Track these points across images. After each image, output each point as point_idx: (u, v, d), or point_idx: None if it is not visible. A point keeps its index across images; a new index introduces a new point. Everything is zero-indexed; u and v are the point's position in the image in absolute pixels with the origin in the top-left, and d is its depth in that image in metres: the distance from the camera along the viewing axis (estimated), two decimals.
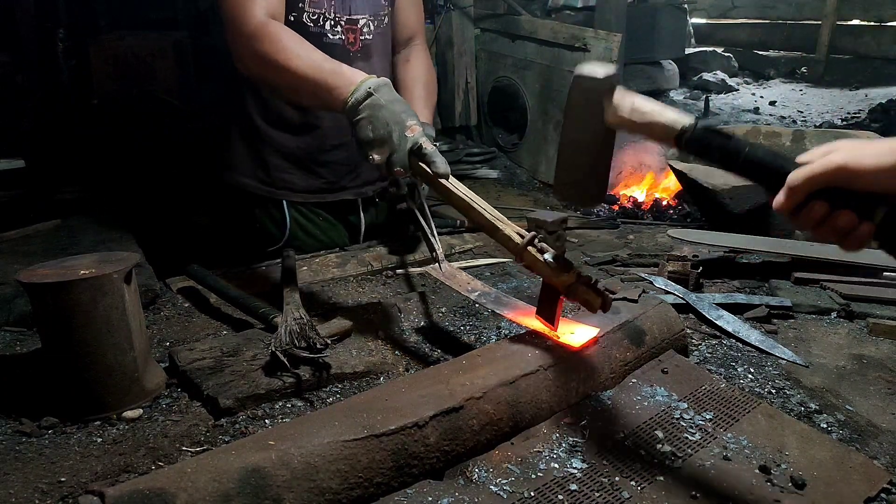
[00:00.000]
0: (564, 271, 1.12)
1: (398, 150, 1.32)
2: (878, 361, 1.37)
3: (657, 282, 1.68)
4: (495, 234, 1.22)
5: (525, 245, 1.17)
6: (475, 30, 3.92)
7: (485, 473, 0.97)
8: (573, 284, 1.11)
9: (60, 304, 1.12)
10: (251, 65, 1.58)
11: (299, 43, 1.53)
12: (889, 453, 1.09)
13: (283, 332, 1.28)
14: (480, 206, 1.25)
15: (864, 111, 5.35)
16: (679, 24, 6.13)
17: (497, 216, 1.23)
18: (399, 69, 2.08)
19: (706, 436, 1.08)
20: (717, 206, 2.20)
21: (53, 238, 1.94)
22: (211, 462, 0.86)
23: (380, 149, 1.33)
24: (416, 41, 2.12)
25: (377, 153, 1.33)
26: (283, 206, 1.97)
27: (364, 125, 1.34)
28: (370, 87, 1.36)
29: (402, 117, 1.33)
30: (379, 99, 1.35)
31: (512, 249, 1.20)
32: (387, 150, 1.33)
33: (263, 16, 1.57)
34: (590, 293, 1.09)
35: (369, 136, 1.33)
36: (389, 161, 1.33)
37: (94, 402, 1.18)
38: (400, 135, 1.32)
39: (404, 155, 1.32)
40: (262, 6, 1.58)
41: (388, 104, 1.34)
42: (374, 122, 1.33)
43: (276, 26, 1.57)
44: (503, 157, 3.89)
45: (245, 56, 1.58)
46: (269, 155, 1.94)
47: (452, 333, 1.48)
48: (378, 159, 1.33)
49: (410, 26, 2.09)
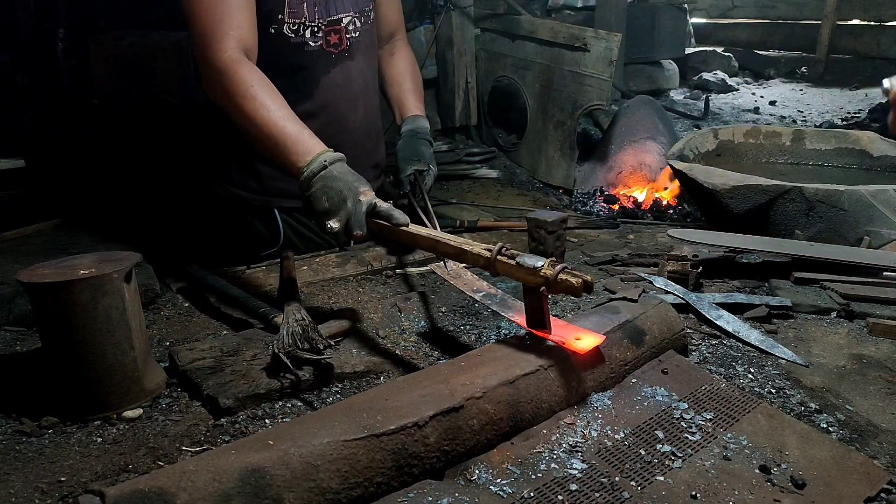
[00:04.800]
0: (538, 267, 1.13)
1: (353, 214, 1.37)
2: (878, 361, 1.37)
3: (657, 282, 1.68)
4: (465, 256, 1.27)
5: (495, 256, 1.20)
6: (475, 30, 3.91)
7: (485, 473, 0.97)
8: (550, 276, 1.11)
9: (60, 304, 1.12)
10: (217, 97, 1.58)
11: (267, 92, 1.53)
12: (889, 453, 1.09)
13: (286, 333, 1.28)
14: (445, 238, 1.31)
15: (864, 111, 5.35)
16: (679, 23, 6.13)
17: (462, 241, 1.29)
18: (384, 64, 2.09)
19: (706, 436, 1.08)
20: (717, 206, 2.20)
21: (53, 238, 1.95)
22: (211, 462, 0.86)
23: (336, 217, 1.38)
24: (398, 36, 2.13)
25: (334, 221, 1.38)
26: (276, 212, 1.97)
27: (318, 196, 1.40)
28: (325, 161, 1.41)
29: (355, 185, 1.38)
30: (332, 171, 1.40)
31: (484, 265, 1.23)
32: (343, 217, 1.37)
33: (235, 50, 1.55)
34: (568, 279, 1.10)
35: (325, 206, 1.39)
36: (347, 226, 1.38)
37: (94, 402, 1.18)
38: (354, 200, 1.37)
39: (361, 218, 1.37)
40: (234, 38, 1.56)
41: (341, 175, 1.40)
42: (328, 193, 1.39)
43: (246, 68, 1.55)
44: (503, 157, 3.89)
45: (211, 87, 1.58)
46: (259, 163, 1.92)
47: (452, 333, 1.48)
48: (336, 227, 1.38)
49: (392, 22, 2.10)
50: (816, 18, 7.09)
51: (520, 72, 3.73)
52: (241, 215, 1.98)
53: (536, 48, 3.60)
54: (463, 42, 3.84)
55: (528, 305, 1.19)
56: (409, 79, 2.03)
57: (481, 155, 3.73)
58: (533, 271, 1.14)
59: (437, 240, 1.32)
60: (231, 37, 1.56)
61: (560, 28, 3.48)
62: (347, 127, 1.94)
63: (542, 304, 1.16)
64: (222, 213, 2.01)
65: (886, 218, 1.99)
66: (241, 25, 1.59)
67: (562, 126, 3.52)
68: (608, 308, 1.32)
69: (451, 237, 1.31)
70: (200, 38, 1.56)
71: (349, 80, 1.92)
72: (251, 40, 1.63)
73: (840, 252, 1.78)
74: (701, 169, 2.33)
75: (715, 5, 8.21)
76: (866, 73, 6.52)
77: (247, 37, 1.61)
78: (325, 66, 1.85)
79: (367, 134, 2.01)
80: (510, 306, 1.31)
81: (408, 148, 1.89)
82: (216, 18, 1.55)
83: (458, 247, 1.28)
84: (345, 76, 1.90)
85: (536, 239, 1.77)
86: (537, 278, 1.13)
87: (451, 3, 3.73)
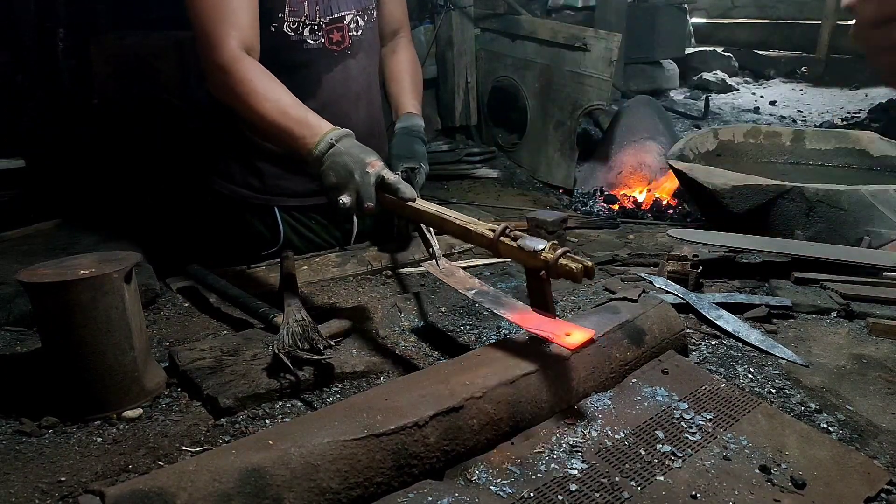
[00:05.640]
0: (539, 250, 1.13)
1: (362, 187, 1.37)
2: (878, 361, 1.37)
3: (657, 281, 1.68)
4: (469, 235, 1.27)
5: (498, 237, 1.20)
6: (475, 29, 3.91)
7: (485, 474, 0.97)
8: (550, 260, 1.11)
9: (60, 304, 1.12)
10: (221, 95, 1.61)
11: (270, 85, 1.55)
12: (889, 453, 1.09)
13: (286, 333, 1.28)
14: (451, 215, 1.31)
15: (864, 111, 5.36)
16: (679, 23, 6.14)
17: (467, 219, 1.28)
18: (386, 61, 2.09)
19: (706, 436, 1.08)
20: (717, 206, 2.20)
21: (53, 238, 1.94)
22: (211, 462, 0.86)
23: (345, 191, 1.39)
24: (402, 34, 2.12)
25: (345, 196, 1.39)
26: (276, 211, 1.97)
27: (327, 173, 1.41)
28: (332, 139, 1.43)
29: (361, 157, 1.39)
30: (339, 147, 1.42)
31: (487, 245, 1.23)
32: (353, 191, 1.38)
33: (237, 48, 1.57)
34: (568, 264, 1.09)
35: (333, 181, 1.40)
36: (358, 200, 1.38)
37: (94, 402, 1.18)
38: (361, 172, 1.38)
39: (370, 190, 1.37)
40: (236, 37, 1.58)
41: (348, 150, 1.41)
42: (335, 168, 1.40)
43: (247, 64, 1.57)
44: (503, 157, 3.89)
45: (215, 85, 1.61)
46: (259, 161, 1.93)
47: (452, 333, 1.48)
48: (347, 202, 1.39)
49: (396, 19, 2.10)
50: (816, 18, 7.10)
51: (520, 72, 3.73)
52: (241, 214, 1.98)
53: (536, 48, 3.60)
54: (463, 42, 3.84)
55: (530, 288, 1.19)
56: (408, 77, 2.03)
57: (481, 155, 3.73)
58: (534, 254, 1.13)
59: (444, 217, 1.31)
60: (233, 36, 1.58)
61: (560, 28, 3.48)
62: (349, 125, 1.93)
63: (544, 288, 1.16)
64: (223, 213, 2.01)
65: (886, 218, 1.99)
66: (243, 24, 1.61)
67: (562, 126, 3.52)
68: (608, 308, 1.32)
69: (457, 215, 1.31)
70: (203, 37, 1.59)
71: (351, 79, 1.92)
72: (253, 39, 1.65)
73: (840, 252, 1.78)
74: (701, 169, 2.33)
75: (715, 5, 8.22)
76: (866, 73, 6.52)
77: (249, 35, 1.63)
78: (327, 64, 1.86)
79: (369, 132, 2.01)
80: (503, 303, 1.31)
81: (401, 145, 1.89)
82: (218, 18, 1.58)
83: (463, 226, 1.27)
84: (347, 74, 1.90)
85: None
86: (538, 261, 1.13)
87: (451, 3, 3.73)
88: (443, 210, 1.34)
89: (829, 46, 6.89)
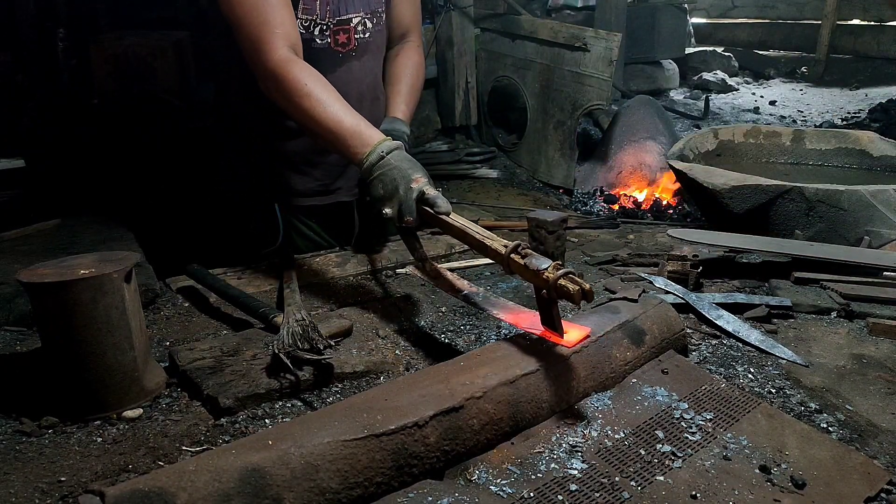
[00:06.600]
0: (541, 270, 1.13)
1: (405, 201, 1.43)
2: (878, 361, 1.37)
3: (657, 281, 1.68)
4: (486, 250, 1.31)
5: (508, 254, 1.22)
6: (475, 30, 3.92)
7: (485, 473, 0.97)
8: (551, 279, 1.11)
9: (60, 304, 1.12)
10: (274, 97, 1.62)
11: (323, 89, 1.57)
12: (889, 453, 1.09)
13: (286, 333, 1.28)
14: (474, 229, 1.35)
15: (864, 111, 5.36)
16: (679, 23, 6.14)
17: (488, 235, 1.32)
18: (388, 64, 2.07)
19: (706, 436, 1.08)
20: (717, 206, 2.20)
21: (53, 238, 1.94)
22: (211, 462, 0.86)
23: (390, 203, 1.45)
24: (411, 38, 2.10)
25: (388, 207, 1.45)
26: (276, 210, 1.96)
27: (376, 185, 1.47)
28: (383, 151, 1.48)
29: (409, 173, 1.45)
30: (390, 160, 1.47)
31: (500, 261, 1.26)
32: (396, 204, 1.44)
33: (284, 49, 1.59)
34: (567, 285, 1.09)
35: (380, 193, 1.46)
36: (400, 212, 1.44)
37: (94, 402, 1.18)
38: (406, 188, 1.43)
39: (412, 205, 1.42)
40: (282, 38, 1.59)
41: (398, 163, 1.46)
42: (383, 181, 1.46)
43: (298, 67, 1.59)
44: (503, 157, 3.89)
45: (268, 88, 1.62)
46: (261, 159, 1.93)
47: (452, 333, 1.48)
48: (390, 213, 1.45)
49: (405, 23, 2.07)
50: (816, 18, 7.10)
51: (520, 72, 3.73)
52: (241, 213, 1.98)
53: (536, 48, 3.60)
54: (463, 42, 3.84)
55: (539, 306, 1.20)
56: (404, 80, 2.01)
57: (481, 155, 3.73)
58: (536, 273, 1.14)
59: (468, 231, 1.35)
60: (277, 35, 1.59)
61: (560, 28, 3.48)
62: None
63: (552, 308, 1.16)
64: (223, 211, 2.01)
65: (886, 218, 1.99)
66: (284, 23, 1.62)
67: (562, 126, 3.52)
68: (608, 308, 1.32)
69: (479, 229, 1.34)
70: (249, 43, 1.60)
71: (354, 80, 1.92)
72: (296, 35, 1.67)
73: (840, 252, 1.78)
74: (701, 169, 2.33)
75: (715, 5, 8.22)
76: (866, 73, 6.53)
77: (291, 33, 1.65)
78: (332, 64, 1.85)
79: None
80: (493, 303, 1.32)
81: None
82: (261, 21, 1.58)
83: (481, 240, 1.30)
84: (350, 75, 1.90)
85: (537, 239, 1.77)
86: (540, 281, 1.13)
87: (451, 3, 3.73)
88: (467, 224, 1.38)
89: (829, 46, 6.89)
